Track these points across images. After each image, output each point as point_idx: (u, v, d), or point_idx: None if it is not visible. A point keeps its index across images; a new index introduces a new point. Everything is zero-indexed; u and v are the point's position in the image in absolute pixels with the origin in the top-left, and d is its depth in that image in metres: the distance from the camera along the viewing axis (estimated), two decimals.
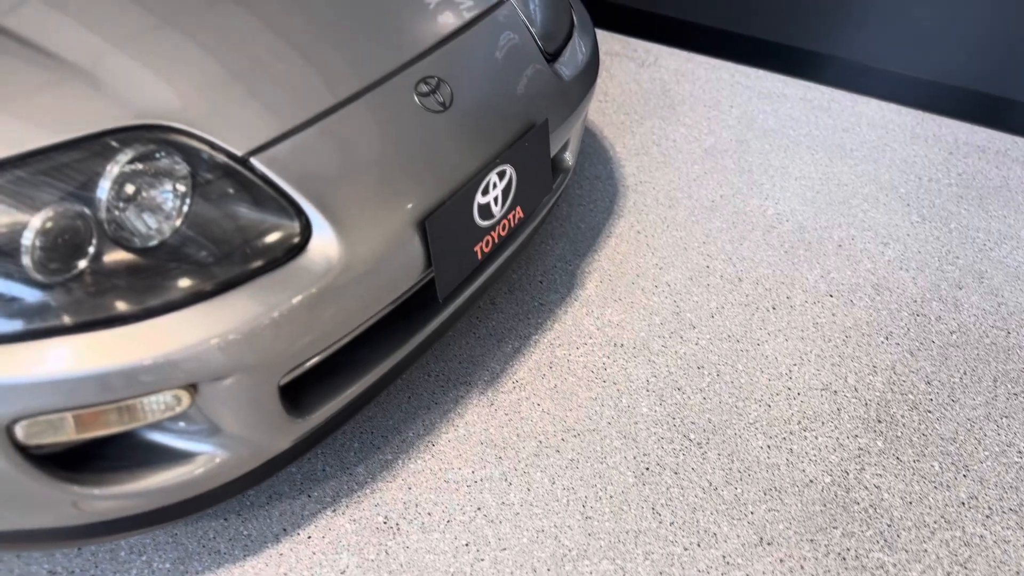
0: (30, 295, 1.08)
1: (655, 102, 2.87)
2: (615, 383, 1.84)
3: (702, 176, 2.51)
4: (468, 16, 1.64)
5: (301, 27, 1.44)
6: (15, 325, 1.07)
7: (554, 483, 1.64)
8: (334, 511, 1.58)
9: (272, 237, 1.23)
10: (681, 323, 2.00)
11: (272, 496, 1.60)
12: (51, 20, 1.27)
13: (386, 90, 1.43)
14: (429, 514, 1.58)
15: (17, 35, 1.23)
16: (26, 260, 1.06)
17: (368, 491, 1.62)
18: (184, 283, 1.16)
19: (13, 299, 1.07)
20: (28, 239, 1.06)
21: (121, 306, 1.12)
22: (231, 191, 1.21)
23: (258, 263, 1.21)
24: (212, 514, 1.57)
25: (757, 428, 1.76)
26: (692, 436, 1.74)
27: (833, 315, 2.05)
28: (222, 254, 1.19)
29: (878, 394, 1.86)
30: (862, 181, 2.52)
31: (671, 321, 2.01)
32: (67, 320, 1.09)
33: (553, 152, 1.75)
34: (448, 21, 1.60)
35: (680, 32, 3.25)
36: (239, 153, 1.23)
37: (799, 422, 1.78)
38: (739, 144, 2.66)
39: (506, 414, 1.77)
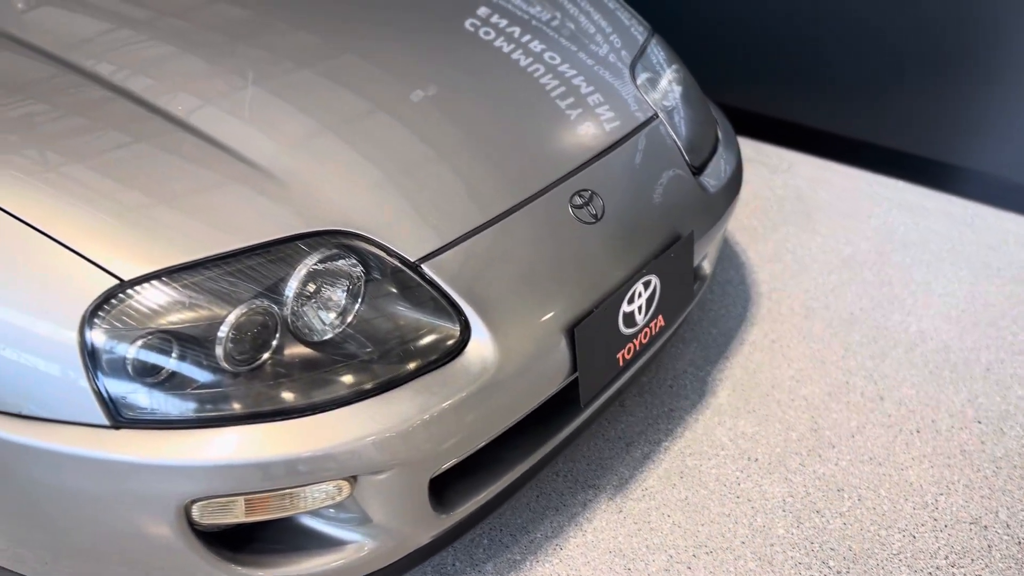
0: (216, 383, 1.17)
1: (789, 209, 2.86)
2: (749, 500, 1.80)
3: (839, 287, 2.46)
4: (620, 132, 1.70)
5: (458, 141, 1.53)
6: (201, 410, 1.16)
7: None
8: None
9: (434, 338, 1.29)
10: (819, 441, 1.95)
11: None
12: (232, 124, 1.40)
13: (544, 202, 1.50)
14: None
15: (206, 135, 1.36)
16: (219, 351, 1.16)
17: None
18: (348, 379, 1.23)
19: (201, 386, 1.16)
20: (223, 332, 1.16)
21: (290, 398, 1.19)
22: (400, 293, 1.29)
23: (419, 362, 1.27)
24: None
25: (901, 560, 1.68)
26: (831, 564, 1.67)
27: (982, 443, 1.95)
28: (387, 351, 1.26)
29: None
30: (1011, 302, 2.42)
31: (808, 438, 1.95)
32: (241, 408, 1.17)
33: (695, 262, 1.78)
34: (601, 136, 1.67)
35: (815, 140, 3.24)
36: (412, 259, 1.31)
37: (946, 557, 1.69)
38: (879, 256, 2.60)
39: (635, 523, 1.75)
